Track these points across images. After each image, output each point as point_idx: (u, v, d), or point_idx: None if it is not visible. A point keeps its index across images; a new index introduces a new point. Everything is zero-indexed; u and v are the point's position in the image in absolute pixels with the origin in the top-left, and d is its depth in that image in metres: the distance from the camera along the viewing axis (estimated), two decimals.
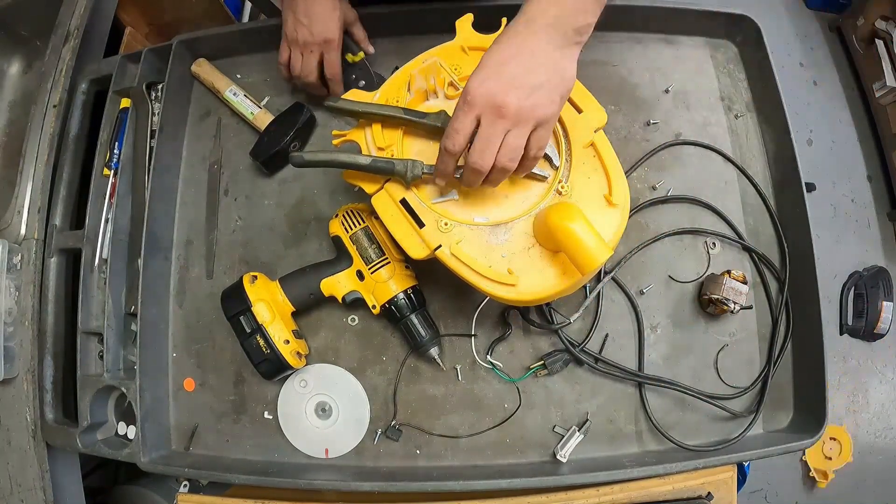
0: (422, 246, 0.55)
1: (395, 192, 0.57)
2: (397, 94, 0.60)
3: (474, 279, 0.54)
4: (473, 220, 0.56)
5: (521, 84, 0.45)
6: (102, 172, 0.76)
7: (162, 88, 0.76)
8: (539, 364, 0.68)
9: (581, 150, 0.57)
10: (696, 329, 0.71)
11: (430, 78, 0.59)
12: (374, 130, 0.58)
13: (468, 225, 0.56)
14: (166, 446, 0.71)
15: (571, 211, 0.51)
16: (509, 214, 0.56)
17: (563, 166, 0.57)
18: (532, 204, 0.56)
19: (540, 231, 0.54)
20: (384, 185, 0.57)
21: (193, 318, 0.74)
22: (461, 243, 0.55)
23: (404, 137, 0.59)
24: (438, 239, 0.55)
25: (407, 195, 0.56)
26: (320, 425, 0.69)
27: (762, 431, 0.70)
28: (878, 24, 1.64)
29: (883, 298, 1.55)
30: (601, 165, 0.56)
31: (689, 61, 0.79)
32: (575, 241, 0.49)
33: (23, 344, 0.71)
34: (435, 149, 0.55)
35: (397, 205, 0.56)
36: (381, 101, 0.60)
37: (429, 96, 0.61)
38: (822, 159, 1.72)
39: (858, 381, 1.59)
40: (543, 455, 0.68)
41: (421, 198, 0.56)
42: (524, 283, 0.54)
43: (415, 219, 0.56)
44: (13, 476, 0.71)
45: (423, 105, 0.61)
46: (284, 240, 0.74)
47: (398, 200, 0.56)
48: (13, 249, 0.72)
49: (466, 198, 0.57)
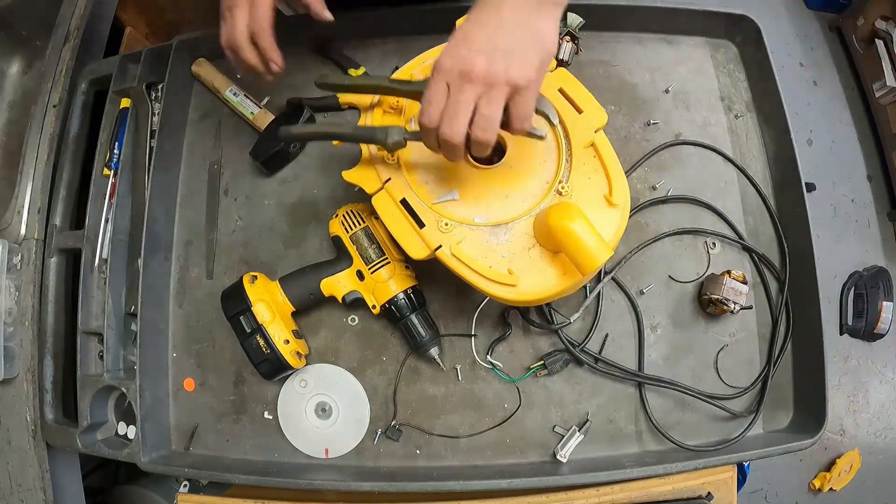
0: (422, 246, 0.55)
1: (395, 192, 0.57)
2: None
3: (474, 279, 0.54)
4: (474, 220, 0.56)
5: (491, 48, 0.43)
6: (102, 172, 0.76)
7: (162, 88, 0.76)
8: (539, 364, 0.68)
9: (581, 150, 0.57)
10: (696, 329, 0.71)
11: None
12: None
13: (468, 225, 0.55)
14: (166, 446, 0.71)
15: (571, 211, 0.51)
16: (510, 214, 0.56)
17: (563, 166, 0.57)
18: (532, 204, 0.56)
19: (540, 231, 0.54)
20: (384, 185, 0.57)
21: (193, 318, 0.74)
22: (461, 243, 0.55)
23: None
24: (439, 239, 0.55)
25: (407, 195, 0.56)
26: (320, 425, 0.69)
27: (762, 431, 0.70)
28: (878, 24, 1.64)
29: (883, 298, 1.55)
30: (601, 166, 0.56)
31: (689, 61, 0.79)
32: (575, 241, 0.49)
33: (23, 344, 0.71)
34: None
35: (397, 205, 0.56)
36: (381, 100, 0.60)
37: None
38: (822, 159, 1.72)
39: (858, 381, 1.59)
40: (543, 455, 0.68)
41: (421, 198, 0.56)
42: (524, 284, 0.54)
43: (415, 219, 0.56)
44: (13, 476, 0.71)
45: None
46: (284, 240, 0.74)
47: (398, 200, 0.56)
48: (13, 249, 0.72)
49: (467, 197, 0.57)
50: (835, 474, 1.49)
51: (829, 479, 1.49)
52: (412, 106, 0.59)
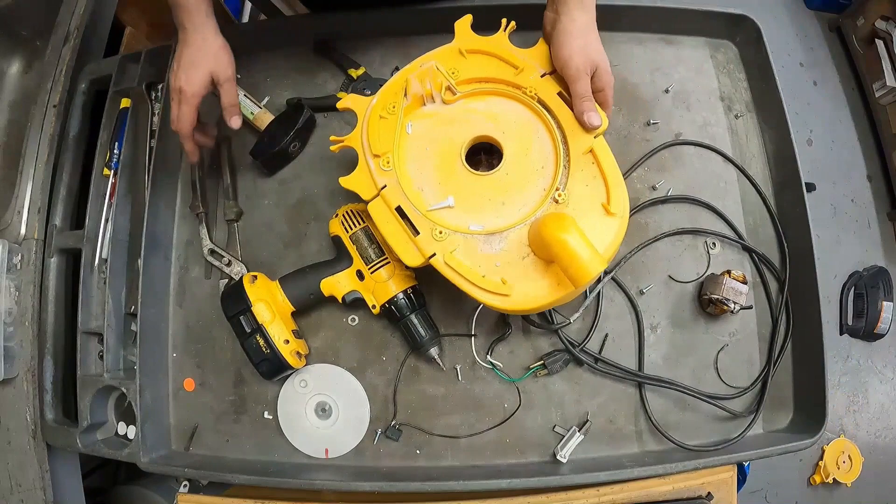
0: (416, 254, 0.55)
1: (391, 199, 0.56)
2: (394, 98, 0.60)
3: (467, 288, 0.54)
4: (469, 227, 0.56)
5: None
6: (102, 172, 0.76)
7: (162, 88, 0.76)
8: (539, 364, 0.68)
9: (580, 156, 0.56)
10: (696, 329, 0.71)
11: (427, 82, 0.59)
12: (371, 136, 0.58)
13: (463, 233, 0.55)
14: (166, 446, 0.71)
15: (566, 222, 0.50)
16: (505, 223, 0.56)
17: (560, 173, 0.56)
18: (528, 212, 0.56)
19: (534, 241, 0.54)
20: (380, 192, 0.57)
21: (193, 318, 0.74)
22: (455, 252, 0.54)
23: (400, 142, 0.59)
24: (433, 247, 0.55)
25: (402, 202, 0.56)
26: (320, 425, 0.69)
27: (762, 431, 0.70)
28: (878, 24, 1.64)
29: (883, 298, 1.55)
30: (600, 173, 0.56)
31: (689, 61, 0.79)
32: (569, 252, 0.49)
33: (23, 344, 0.71)
34: (431, 142, 0.59)
35: (393, 212, 0.56)
36: (379, 105, 0.59)
37: (426, 101, 0.60)
38: (822, 159, 1.72)
39: (858, 381, 1.59)
40: (543, 455, 0.68)
41: (417, 205, 0.56)
42: (518, 293, 0.53)
43: (410, 226, 0.55)
44: (13, 476, 0.71)
45: (421, 110, 0.61)
46: (284, 240, 0.74)
47: (394, 208, 0.56)
48: (13, 249, 0.72)
49: (463, 205, 0.57)
50: (828, 462, 1.50)
51: (823, 468, 1.50)
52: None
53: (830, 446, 1.52)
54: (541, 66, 0.60)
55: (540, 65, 0.60)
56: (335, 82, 0.78)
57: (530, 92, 0.59)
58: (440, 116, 0.60)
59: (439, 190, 0.58)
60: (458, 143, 0.59)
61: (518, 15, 0.64)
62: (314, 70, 0.79)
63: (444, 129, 0.60)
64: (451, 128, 0.60)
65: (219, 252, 0.73)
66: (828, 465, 1.50)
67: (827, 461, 1.51)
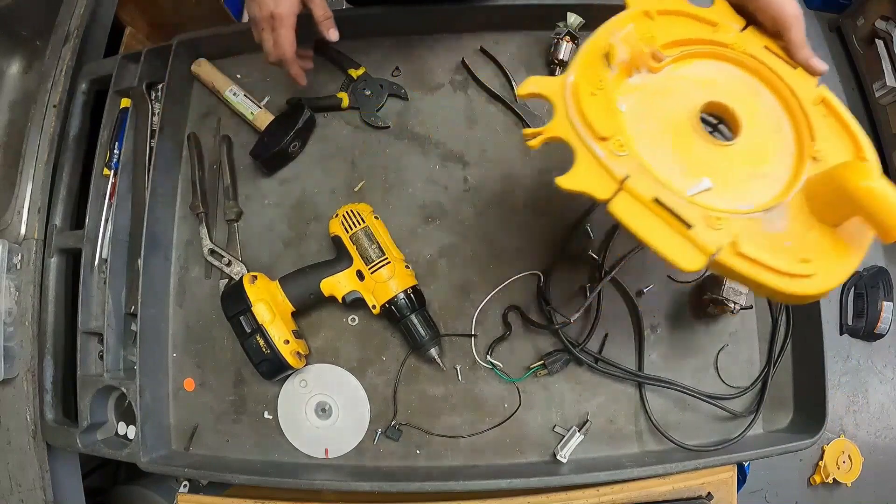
0: (694, 252, 0.42)
1: (642, 191, 0.43)
2: (595, 71, 0.48)
3: (766, 279, 0.42)
4: (738, 208, 0.45)
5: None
6: (102, 172, 0.76)
7: (162, 88, 0.76)
8: (539, 364, 0.68)
9: (811, 108, 0.49)
10: (696, 329, 0.71)
11: (630, 49, 0.49)
12: (591, 118, 0.45)
13: (738, 215, 0.44)
14: (166, 446, 0.71)
15: (865, 168, 0.42)
16: (772, 194, 0.46)
17: (803, 130, 0.49)
18: (790, 178, 0.47)
19: (824, 202, 0.45)
20: (623, 185, 0.43)
21: (193, 318, 0.74)
22: (741, 239, 0.42)
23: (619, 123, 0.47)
24: (713, 239, 0.42)
25: (659, 192, 0.43)
26: (320, 425, 0.69)
27: (762, 431, 0.70)
28: (878, 24, 1.64)
29: (883, 298, 1.54)
30: (839, 122, 0.49)
31: None
32: (884, 201, 0.40)
33: (23, 344, 0.71)
34: (652, 118, 0.48)
35: (649, 206, 0.43)
36: (581, 80, 0.48)
37: (632, 72, 0.50)
38: None
39: (858, 381, 1.59)
40: (543, 455, 0.68)
41: (672, 192, 0.44)
42: (822, 270, 0.43)
43: (677, 220, 0.43)
44: (13, 476, 0.71)
45: (627, 82, 0.49)
46: (284, 240, 0.74)
47: (651, 200, 0.43)
48: (13, 249, 0.72)
49: (719, 184, 0.46)
50: (828, 462, 1.50)
51: (823, 468, 1.50)
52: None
53: (830, 446, 1.52)
54: (732, 21, 0.53)
55: (729, 20, 0.53)
56: (335, 82, 0.78)
57: (739, 48, 0.51)
58: (649, 88, 0.50)
59: (688, 171, 0.47)
60: (684, 116, 0.49)
61: (519, 15, 0.63)
62: (314, 70, 0.79)
63: (659, 102, 0.50)
64: (667, 99, 0.50)
65: (219, 252, 0.73)
66: (828, 465, 1.50)
67: (827, 461, 1.51)
